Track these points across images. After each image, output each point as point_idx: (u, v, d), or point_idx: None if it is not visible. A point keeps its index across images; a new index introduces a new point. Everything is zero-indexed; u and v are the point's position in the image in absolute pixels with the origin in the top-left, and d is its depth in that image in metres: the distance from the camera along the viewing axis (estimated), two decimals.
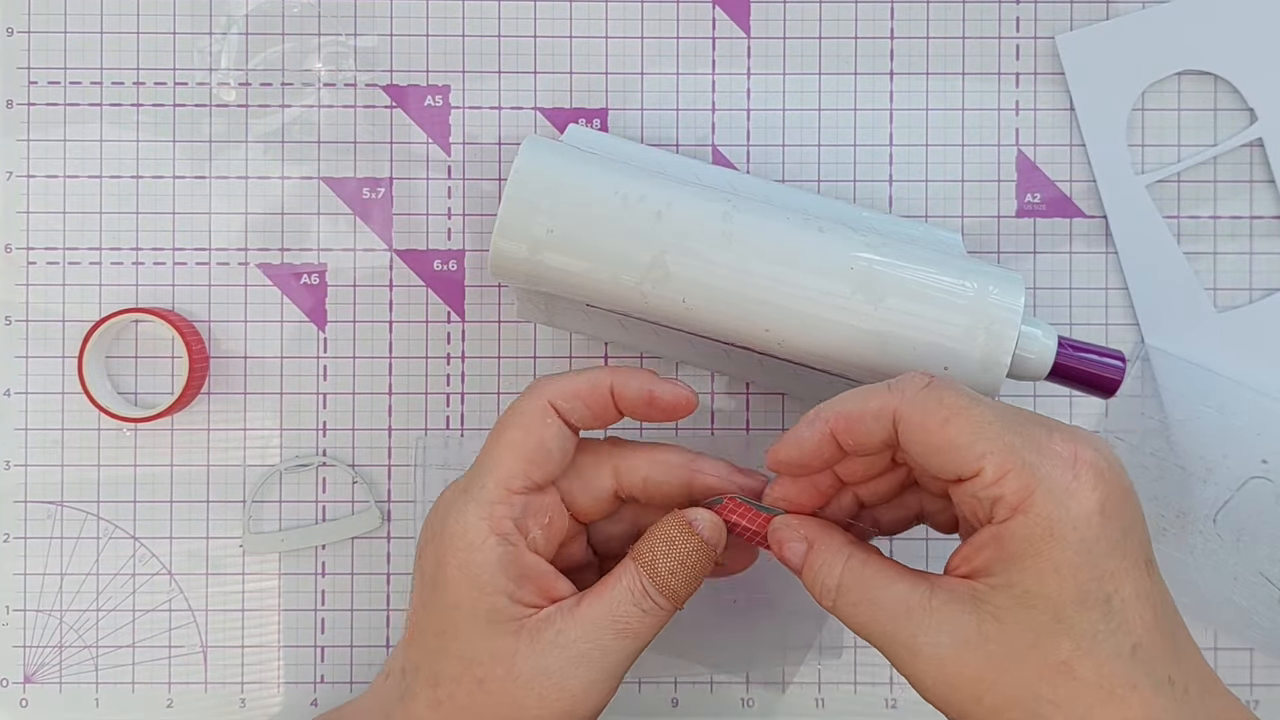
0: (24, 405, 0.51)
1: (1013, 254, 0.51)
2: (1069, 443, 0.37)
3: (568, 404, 0.41)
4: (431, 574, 0.41)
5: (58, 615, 0.51)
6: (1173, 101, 0.51)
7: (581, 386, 0.41)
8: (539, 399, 0.41)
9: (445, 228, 0.52)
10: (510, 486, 0.40)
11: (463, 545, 0.40)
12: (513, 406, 0.42)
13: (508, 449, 0.41)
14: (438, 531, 0.41)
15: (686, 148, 0.51)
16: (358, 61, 0.51)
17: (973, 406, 0.37)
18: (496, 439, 0.41)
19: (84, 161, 0.51)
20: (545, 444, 0.41)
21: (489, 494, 0.40)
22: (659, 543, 0.41)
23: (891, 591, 0.38)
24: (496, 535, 0.40)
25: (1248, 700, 0.51)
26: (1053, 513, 0.36)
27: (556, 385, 0.41)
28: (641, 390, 0.41)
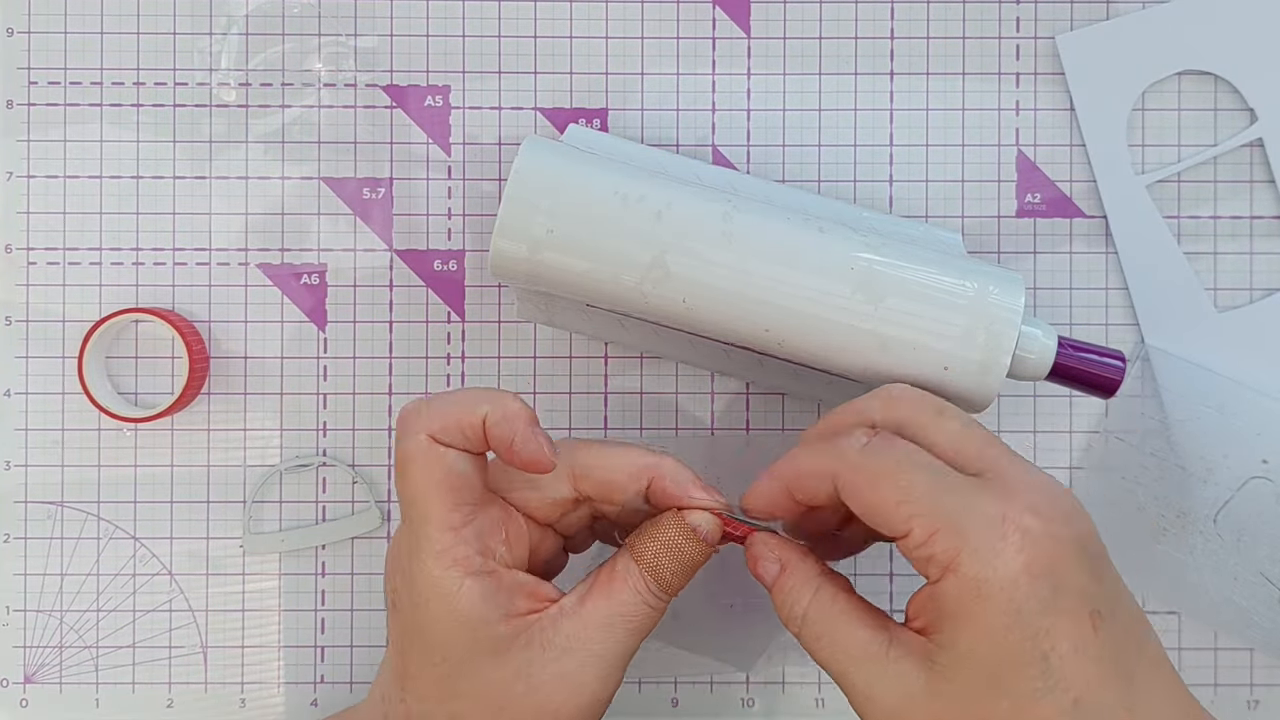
0: (24, 405, 0.51)
1: (1013, 254, 0.51)
2: (999, 502, 0.37)
3: (448, 436, 0.40)
4: (415, 625, 0.40)
5: (58, 615, 0.51)
6: (1173, 101, 0.51)
7: (454, 419, 0.40)
8: (419, 436, 0.39)
9: (445, 228, 0.52)
10: (451, 525, 0.39)
11: (441, 595, 0.39)
12: (398, 451, 0.40)
13: (423, 492, 0.39)
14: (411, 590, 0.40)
15: (686, 148, 0.51)
16: (358, 61, 0.51)
17: (903, 469, 0.38)
18: (407, 484, 0.40)
19: (84, 161, 0.51)
20: (452, 472, 0.40)
21: (436, 541, 0.39)
22: (662, 548, 0.41)
23: (853, 635, 0.39)
24: (469, 576, 0.39)
25: (1248, 700, 0.51)
26: (979, 573, 0.36)
27: (430, 418, 0.40)
28: (505, 435, 0.40)
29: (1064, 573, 0.37)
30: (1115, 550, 0.51)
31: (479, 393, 0.40)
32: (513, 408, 0.40)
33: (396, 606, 0.41)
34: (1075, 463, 0.51)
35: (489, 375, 0.51)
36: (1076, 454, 0.51)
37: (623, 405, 0.52)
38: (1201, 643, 0.51)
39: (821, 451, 0.40)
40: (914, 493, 0.37)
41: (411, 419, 0.40)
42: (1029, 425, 0.51)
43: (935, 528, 0.37)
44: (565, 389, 0.51)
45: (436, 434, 0.39)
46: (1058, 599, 0.37)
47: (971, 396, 0.43)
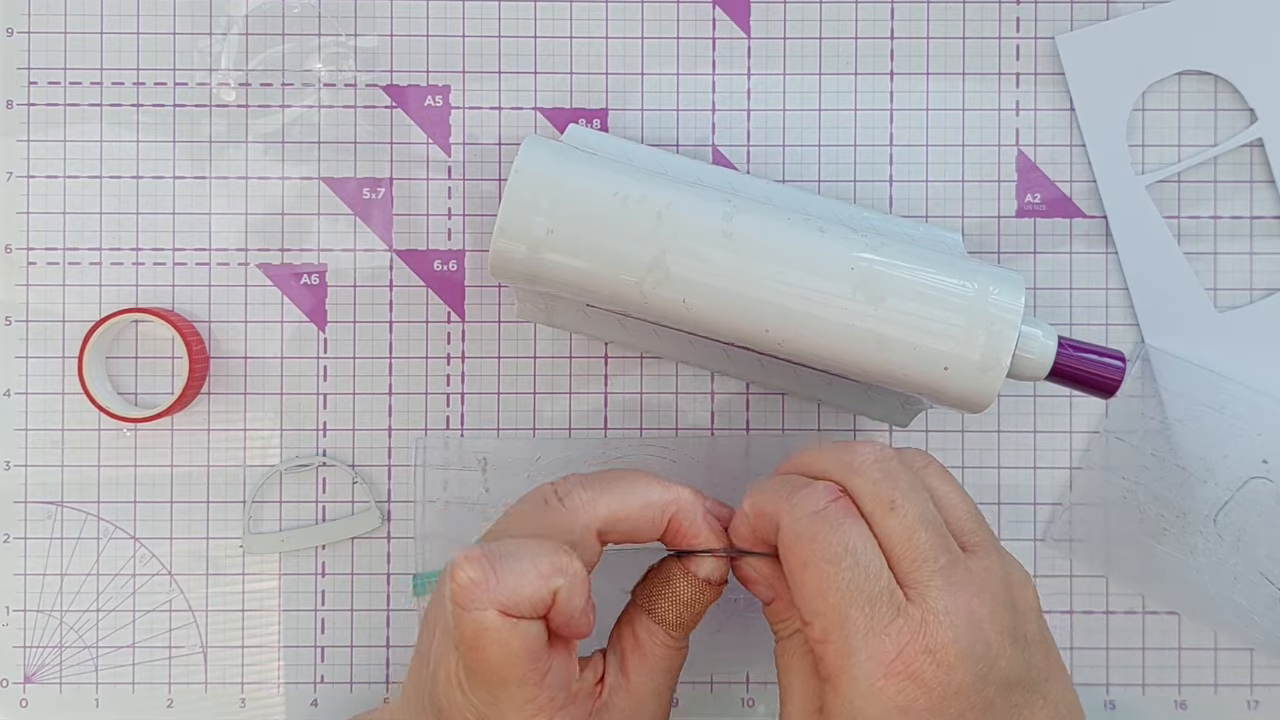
0: (24, 405, 0.51)
1: (1013, 254, 0.51)
2: (901, 637, 0.37)
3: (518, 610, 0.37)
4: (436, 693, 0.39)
5: (58, 615, 0.51)
6: (1173, 101, 0.51)
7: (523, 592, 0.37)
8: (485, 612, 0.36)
9: (445, 228, 0.52)
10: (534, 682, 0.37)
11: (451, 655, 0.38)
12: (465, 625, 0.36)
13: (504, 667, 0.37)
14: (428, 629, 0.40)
15: (686, 148, 0.51)
16: (358, 61, 0.51)
17: (835, 562, 0.37)
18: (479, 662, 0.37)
19: (84, 161, 0.51)
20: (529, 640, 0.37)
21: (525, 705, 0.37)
22: (675, 603, 0.42)
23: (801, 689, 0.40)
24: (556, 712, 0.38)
25: (1248, 700, 0.51)
26: (854, 701, 0.37)
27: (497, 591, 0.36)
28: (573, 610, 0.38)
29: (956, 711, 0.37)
30: (1115, 550, 0.51)
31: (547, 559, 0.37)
32: (580, 573, 0.38)
33: None
34: (1075, 463, 0.51)
35: (489, 375, 0.51)
36: (1076, 454, 0.51)
37: (623, 405, 0.52)
38: (1201, 643, 0.51)
39: (778, 497, 0.40)
40: (830, 594, 0.37)
41: (477, 592, 0.36)
42: (1029, 425, 0.51)
43: (830, 638, 0.37)
44: (565, 389, 0.51)
45: (507, 609, 0.36)
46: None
47: (971, 396, 0.43)
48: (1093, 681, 0.51)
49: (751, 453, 0.51)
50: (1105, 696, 0.51)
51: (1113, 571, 0.51)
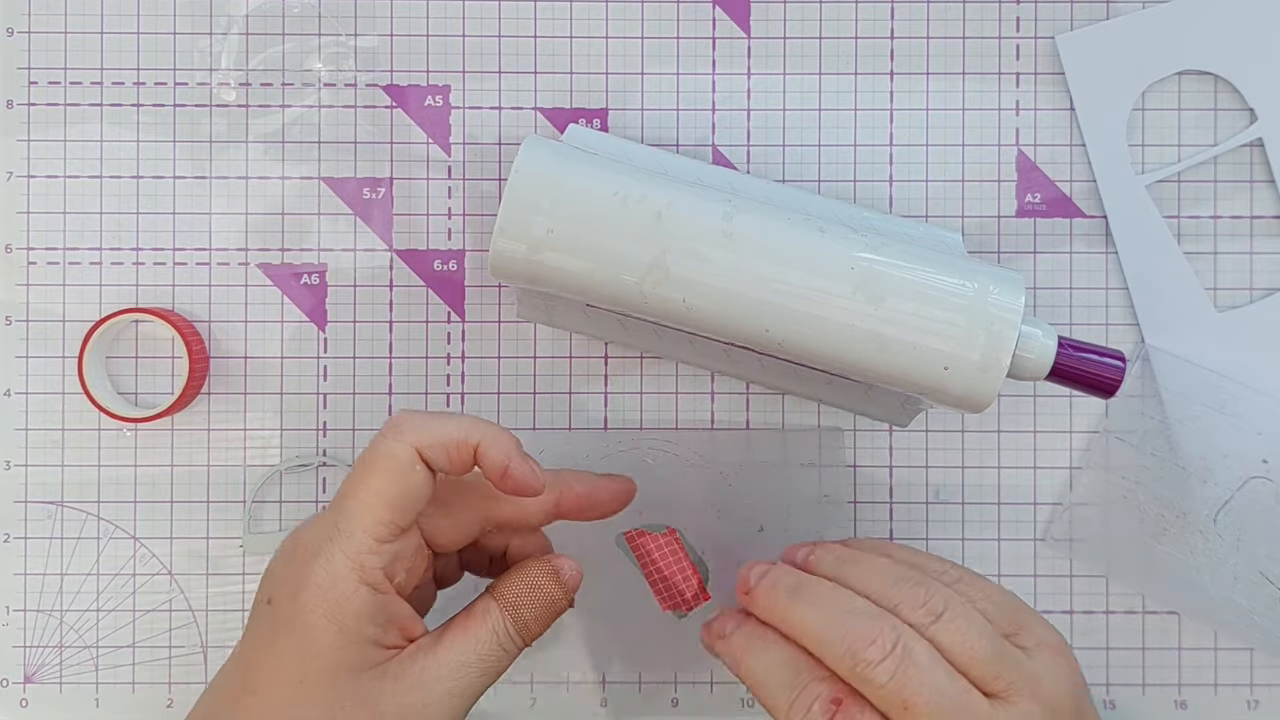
0: (24, 405, 0.51)
1: (1013, 254, 0.51)
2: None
3: (433, 453, 0.40)
4: (289, 619, 0.39)
5: (58, 615, 0.51)
6: (1173, 101, 0.51)
7: (449, 437, 0.40)
8: (406, 445, 0.40)
9: (445, 228, 0.52)
10: (379, 536, 0.39)
11: (332, 595, 0.39)
12: (377, 448, 0.40)
13: (375, 496, 0.40)
14: (302, 579, 0.39)
15: (686, 148, 0.51)
16: (358, 61, 0.51)
17: None
18: (362, 483, 0.40)
19: (84, 161, 0.51)
20: (411, 491, 0.40)
21: (358, 543, 0.39)
22: (525, 590, 0.42)
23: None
24: (367, 585, 0.39)
25: (1248, 700, 0.51)
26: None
27: (424, 431, 0.40)
28: (500, 459, 0.41)
29: None
30: (1115, 550, 0.51)
31: (471, 420, 0.41)
32: (504, 436, 0.41)
33: (273, 603, 0.40)
34: (1075, 463, 0.51)
35: (489, 375, 0.51)
36: (1076, 454, 0.51)
37: (623, 405, 0.52)
38: (1201, 643, 0.51)
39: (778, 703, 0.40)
40: None
41: (404, 425, 0.40)
42: (1029, 425, 0.51)
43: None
44: (565, 389, 0.51)
45: (423, 449, 0.40)
46: None
47: (971, 396, 0.43)
48: (1093, 681, 0.51)
49: (753, 447, 0.51)
50: (1105, 696, 0.51)
51: (1113, 571, 0.51)
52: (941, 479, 0.52)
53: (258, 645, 0.40)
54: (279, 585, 0.40)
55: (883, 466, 0.52)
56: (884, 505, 0.52)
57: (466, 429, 0.41)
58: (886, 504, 0.52)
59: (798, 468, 0.51)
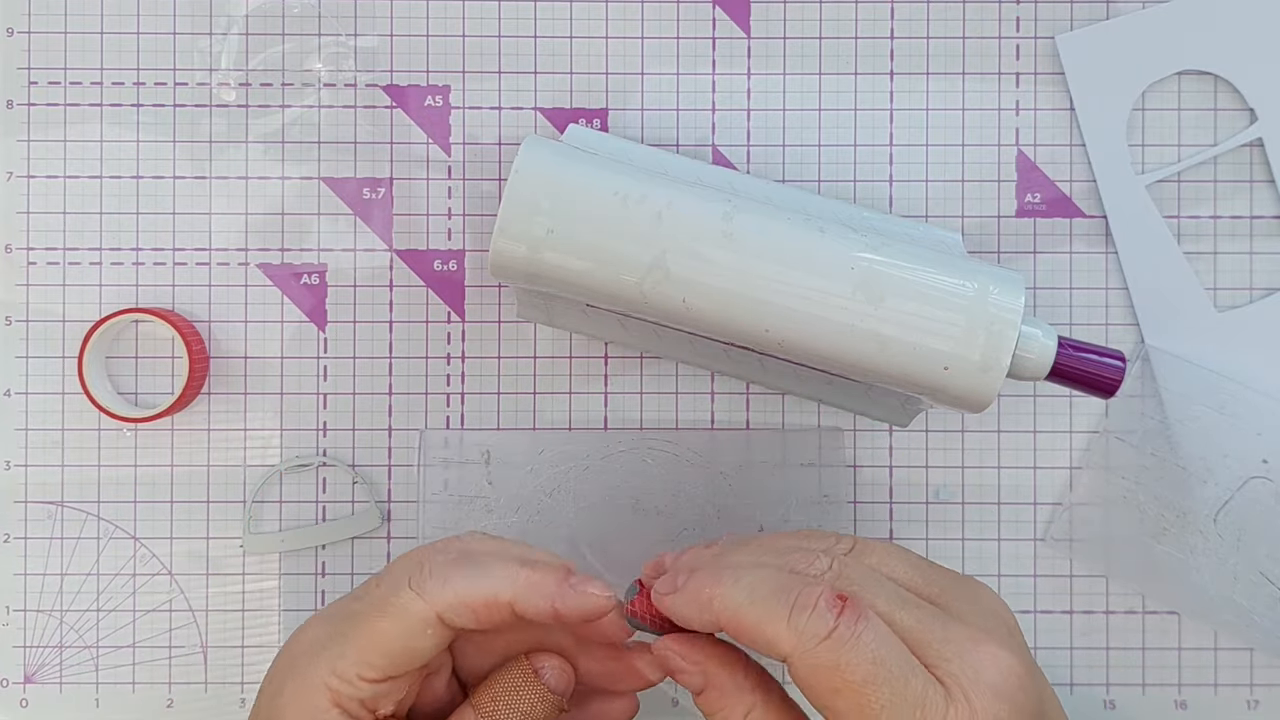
0: (24, 405, 0.51)
1: (1013, 254, 0.51)
2: None
3: (456, 615, 0.37)
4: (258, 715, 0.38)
5: (58, 615, 0.51)
6: (1173, 101, 0.51)
7: (477, 599, 0.37)
8: (426, 605, 0.37)
9: (445, 228, 0.52)
10: (362, 674, 0.37)
11: (302, 708, 0.37)
12: (397, 596, 0.37)
13: (376, 638, 0.37)
14: (280, 683, 0.38)
15: (686, 148, 0.51)
16: (358, 61, 0.51)
17: (870, 683, 0.34)
18: (367, 621, 0.37)
19: (84, 161, 0.51)
20: (414, 651, 0.37)
21: (342, 671, 0.37)
22: (502, 693, 0.38)
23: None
24: (338, 708, 0.37)
25: (1248, 700, 0.51)
26: None
27: (448, 591, 0.37)
28: (545, 609, 0.37)
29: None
30: (1115, 550, 0.51)
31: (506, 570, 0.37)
32: (542, 579, 0.37)
33: (257, 700, 0.39)
34: (1075, 463, 0.51)
35: (489, 375, 0.51)
36: (1076, 454, 0.51)
37: (623, 405, 0.52)
38: (1201, 643, 0.51)
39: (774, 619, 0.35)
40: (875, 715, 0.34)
41: (430, 581, 0.37)
42: (1029, 425, 0.51)
43: None
44: (565, 389, 0.51)
45: (445, 612, 0.37)
46: None
47: (971, 396, 0.43)
48: (1093, 681, 0.51)
49: (751, 447, 0.51)
50: (1105, 696, 0.51)
51: (1113, 571, 0.51)
52: (941, 479, 0.52)
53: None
54: (267, 679, 0.38)
55: (883, 466, 0.52)
56: (884, 505, 0.52)
57: (497, 586, 0.37)
58: (886, 504, 0.52)
59: (798, 468, 0.51)
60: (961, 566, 0.51)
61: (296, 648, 0.39)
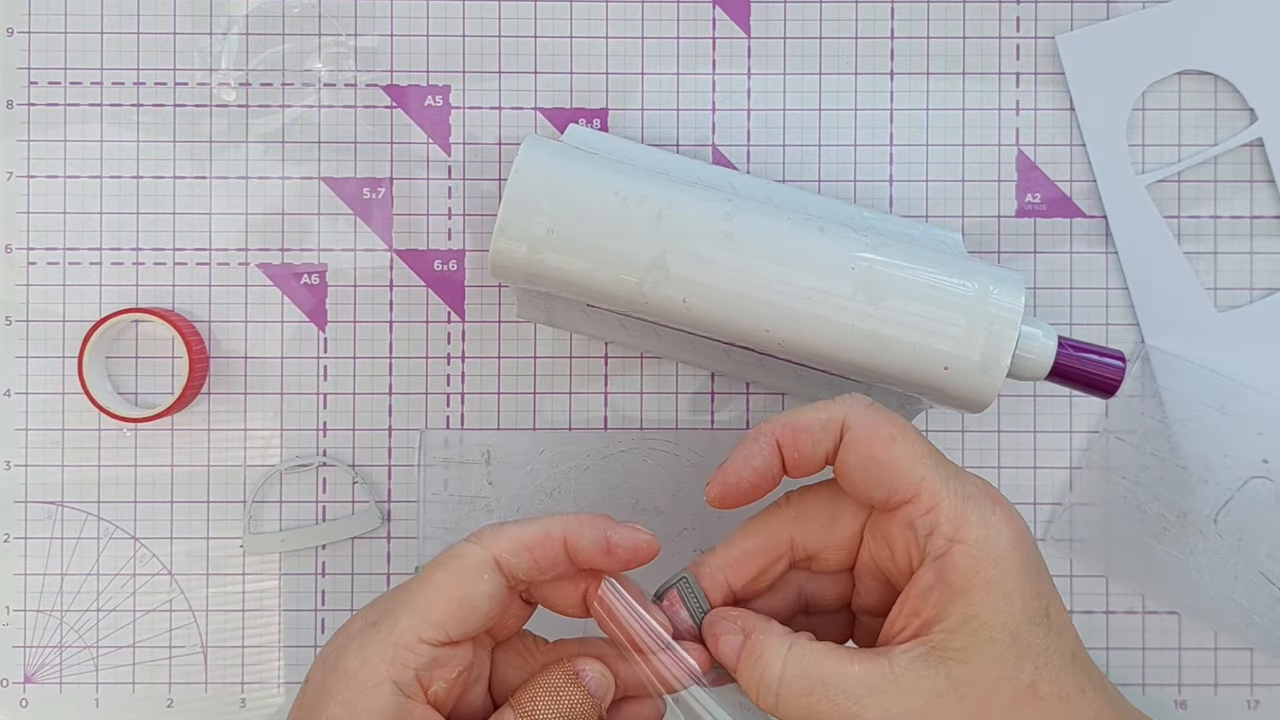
0: (24, 405, 0.51)
1: (1013, 254, 0.51)
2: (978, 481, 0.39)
3: (514, 558, 0.38)
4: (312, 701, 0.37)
5: (58, 615, 0.51)
6: (1173, 101, 0.51)
7: (531, 538, 0.38)
8: (481, 548, 0.38)
9: (445, 228, 0.52)
10: (422, 635, 0.37)
11: (353, 683, 0.36)
12: (451, 549, 0.38)
13: (434, 592, 0.37)
14: (334, 660, 0.37)
15: (686, 148, 0.51)
16: (358, 61, 0.51)
17: (914, 433, 0.39)
18: (425, 579, 0.38)
19: (84, 161, 0.51)
20: (474, 599, 0.38)
21: (397, 635, 0.37)
22: (542, 694, 0.38)
23: (849, 673, 0.37)
24: (393, 683, 0.36)
25: (1248, 700, 0.51)
26: (989, 538, 0.37)
27: (503, 536, 0.38)
28: (598, 540, 0.39)
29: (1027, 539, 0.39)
30: (1115, 550, 0.51)
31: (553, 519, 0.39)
32: (592, 518, 0.39)
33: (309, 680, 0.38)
34: (1075, 463, 0.51)
35: (489, 375, 0.51)
36: (1076, 454, 0.51)
37: (623, 405, 0.52)
38: (1201, 643, 0.51)
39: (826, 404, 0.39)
40: (926, 459, 0.38)
41: (488, 533, 0.39)
42: (1029, 425, 0.51)
43: (942, 495, 0.38)
44: (565, 389, 0.51)
45: (502, 554, 0.38)
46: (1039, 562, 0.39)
47: (971, 396, 0.43)
48: None
49: None
50: None
51: (1113, 571, 0.51)
52: None
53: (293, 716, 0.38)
54: (318, 661, 0.38)
55: None
56: None
57: (549, 525, 0.39)
58: None
59: None
60: None
61: (348, 631, 0.38)
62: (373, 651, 0.37)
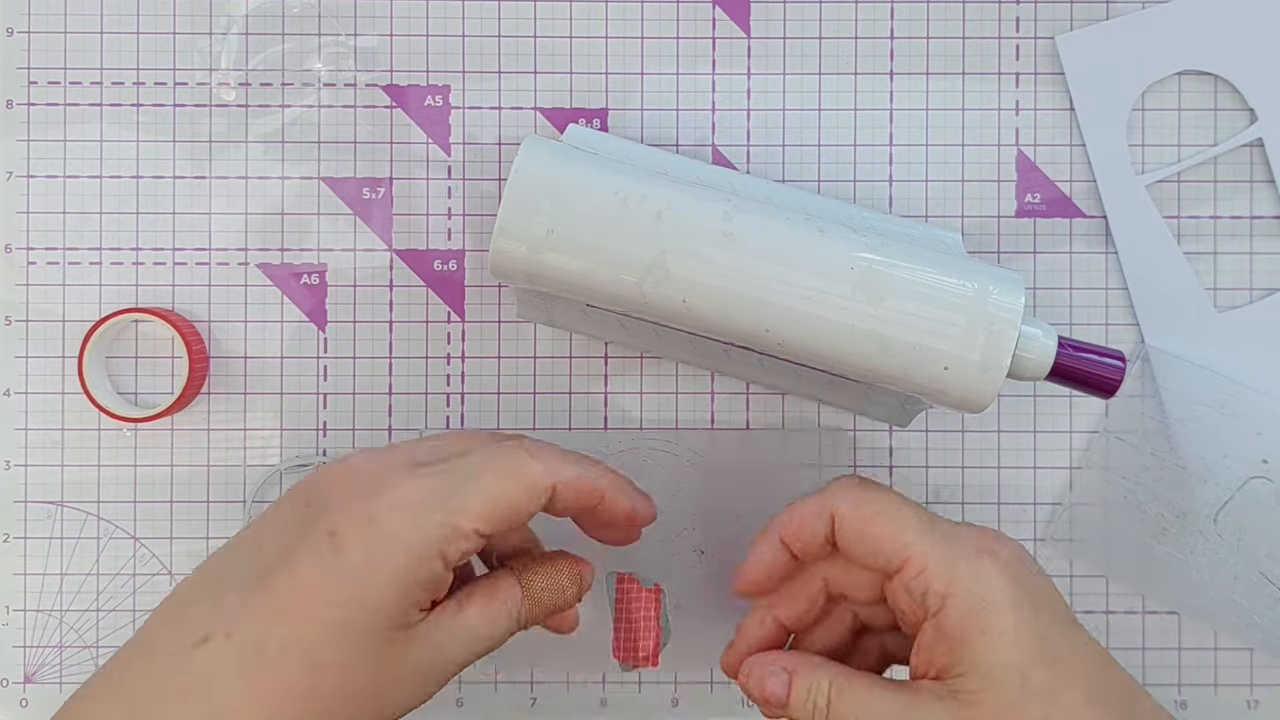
0: (24, 405, 0.51)
1: (1013, 254, 0.51)
2: (971, 533, 0.41)
3: (565, 492, 0.41)
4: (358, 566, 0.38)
5: (58, 615, 0.51)
6: (1173, 101, 0.51)
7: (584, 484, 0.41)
8: (547, 477, 0.40)
9: (445, 228, 0.52)
10: (480, 529, 0.39)
11: (410, 559, 0.38)
12: (521, 465, 0.40)
13: (501, 499, 0.40)
14: (381, 531, 0.38)
15: (686, 148, 0.51)
16: (358, 61, 0.51)
17: (897, 505, 0.41)
18: (492, 482, 0.40)
19: (84, 161, 0.51)
20: (526, 514, 0.41)
21: (458, 529, 0.39)
22: (549, 585, 0.43)
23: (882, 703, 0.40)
24: (442, 558, 0.39)
25: (1248, 700, 0.51)
26: (980, 589, 0.39)
27: (565, 471, 0.41)
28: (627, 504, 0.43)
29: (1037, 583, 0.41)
30: (1115, 550, 0.51)
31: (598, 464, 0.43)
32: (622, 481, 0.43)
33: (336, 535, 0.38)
34: (1075, 463, 0.51)
35: (489, 375, 0.51)
36: (1076, 454, 0.51)
37: (623, 405, 0.52)
38: (1201, 643, 0.51)
39: (815, 497, 0.42)
40: (910, 526, 0.41)
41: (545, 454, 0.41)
42: (1029, 425, 0.51)
43: (930, 556, 0.40)
44: (565, 389, 0.51)
45: (560, 486, 0.41)
46: (1041, 601, 0.40)
47: (971, 396, 0.43)
48: None
49: (751, 447, 0.51)
50: None
51: (1113, 571, 0.51)
52: (941, 479, 0.52)
53: (305, 569, 0.38)
54: (348, 519, 0.38)
55: (883, 466, 0.52)
56: None
57: (598, 476, 0.42)
58: None
59: (798, 468, 0.51)
60: None
61: (401, 497, 0.39)
62: (433, 535, 0.38)
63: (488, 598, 0.41)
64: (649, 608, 0.49)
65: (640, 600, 0.49)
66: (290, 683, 0.37)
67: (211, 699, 0.36)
